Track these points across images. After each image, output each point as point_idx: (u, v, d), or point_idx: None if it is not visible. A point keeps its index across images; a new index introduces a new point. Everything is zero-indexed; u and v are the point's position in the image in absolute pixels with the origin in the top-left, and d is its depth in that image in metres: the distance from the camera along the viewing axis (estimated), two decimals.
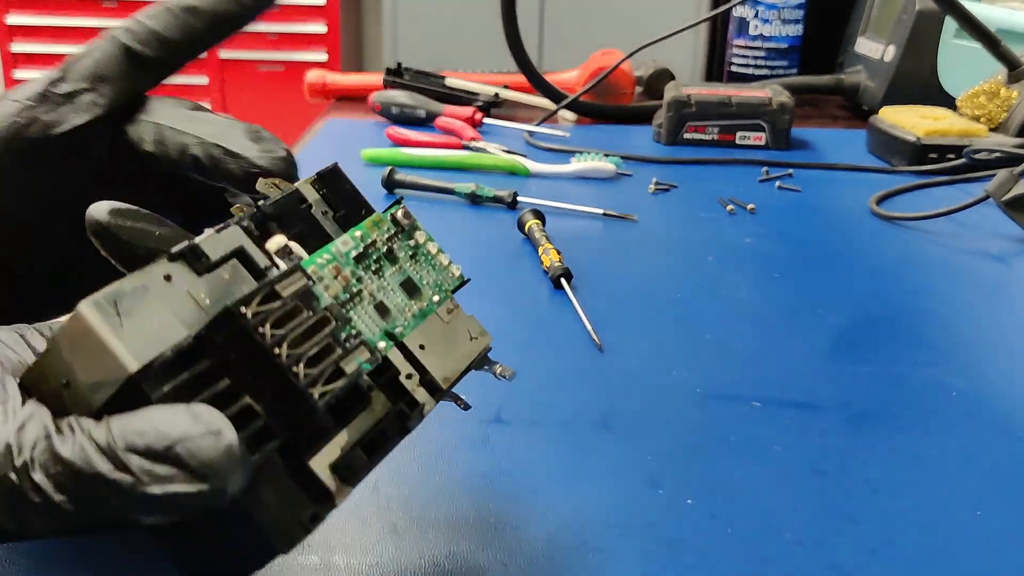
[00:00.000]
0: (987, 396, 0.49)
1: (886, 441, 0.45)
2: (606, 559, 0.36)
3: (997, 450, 0.44)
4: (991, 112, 0.97)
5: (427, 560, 0.36)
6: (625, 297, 0.61)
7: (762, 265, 0.68)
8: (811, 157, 0.97)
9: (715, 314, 0.59)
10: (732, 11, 1.26)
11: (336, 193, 0.32)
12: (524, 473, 0.41)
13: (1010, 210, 0.73)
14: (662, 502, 0.40)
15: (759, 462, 0.43)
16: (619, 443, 0.44)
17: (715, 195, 0.82)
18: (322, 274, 0.28)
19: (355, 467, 0.27)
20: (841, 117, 1.19)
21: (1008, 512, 0.39)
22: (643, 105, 1.12)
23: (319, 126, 1.06)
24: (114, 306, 0.23)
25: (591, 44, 1.29)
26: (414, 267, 0.32)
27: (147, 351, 0.23)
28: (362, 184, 0.34)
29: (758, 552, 0.37)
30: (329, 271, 0.29)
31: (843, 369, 0.52)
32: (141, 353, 0.23)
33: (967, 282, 0.66)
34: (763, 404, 0.48)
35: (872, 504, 0.40)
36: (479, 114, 1.03)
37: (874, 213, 0.79)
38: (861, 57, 1.19)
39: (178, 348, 0.24)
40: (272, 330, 0.25)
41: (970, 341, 0.56)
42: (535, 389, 0.49)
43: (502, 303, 0.60)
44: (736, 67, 1.30)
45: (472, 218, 0.76)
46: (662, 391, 0.49)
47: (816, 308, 0.60)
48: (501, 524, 0.38)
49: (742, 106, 0.99)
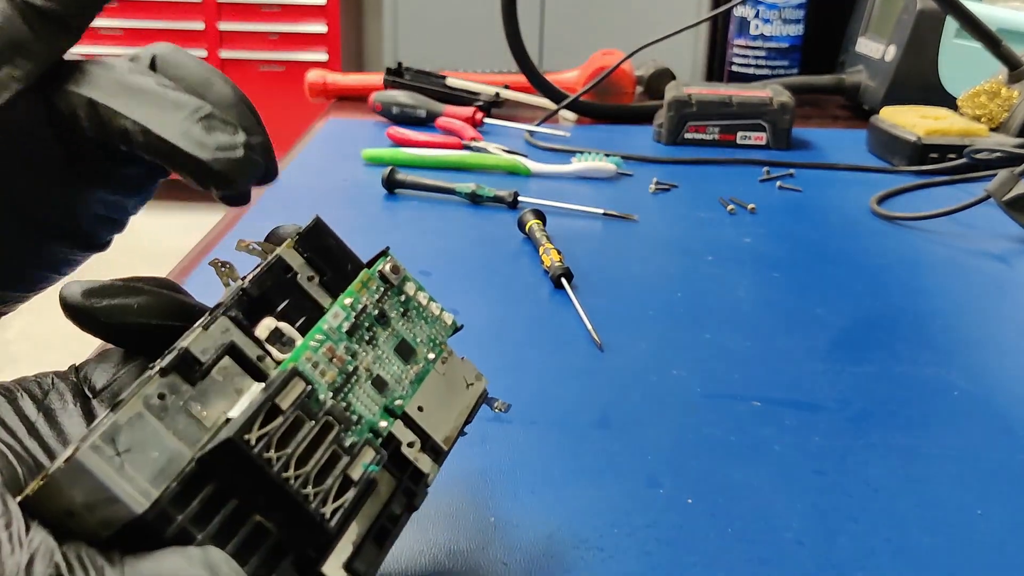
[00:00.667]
0: (988, 396, 0.49)
1: (886, 441, 0.45)
2: (606, 558, 0.36)
3: (998, 450, 0.44)
4: (992, 112, 0.97)
5: (427, 559, 0.36)
6: (625, 297, 0.61)
7: (762, 265, 0.68)
8: (812, 157, 0.97)
9: (715, 314, 0.59)
10: (733, 11, 1.26)
11: (320, 252, 0.30)
12: (524, 472, 0.41)
13: (1011, 210, 0.73)
14: (662, 502, 0.40)
15: (759, 462, 0.43)
16: (619, 442, 0.44)
17: (716, 195, 0.82)
18: (317, 359, 0.28)
19: (368, 561, 0.27)
20: (842, 117, 1.19)
21: (1009, 512, 0.39)
22: (644, 105, 1.12)
23: (319, 126, 1.06)
24: (112, 444, 0.23)
25: (591, 44, 1.29)
26: (407, 326, 0.31)
27: (152, 487, 0.23)
28: (362, 184, 0.34)
29: (758, 552, 0.37)
30: (324, 354, 0.28)
31: (843, 369, 0.52)
32: (147, 491, 0.23)
33: (968, 282, 0.66)
34: (763, 404, 0.48)
35: (872, 504, 0.40)
36: (480, 114, 1.03)
37: (875, 213, 0.79)
38: (862, 57, 1.19)
39: (183, 478, 0.24)
40: (276, 451, 0.25)
41: (971, 341, 0.56)
42: (535, 388, 0.49)
43: (502, 303, 0.60)
44: (737, 67, 1.30)
45: (472, 218, 0.76)
46: (662, 391, 0.49)
47: (816, 308, 0.60)
48: (501, 522, 0.38)
49: (743, 106, 0.99)
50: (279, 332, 0.28)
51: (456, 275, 0.64)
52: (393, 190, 0.81)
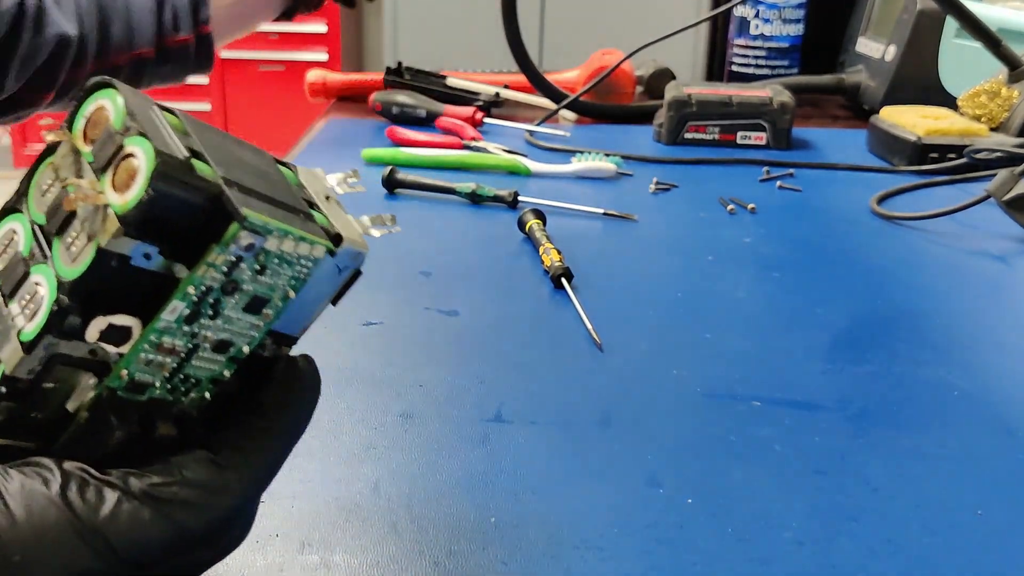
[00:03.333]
0: (988, 396, 0.49)
1: (886, 441, 0.45)
2: (606, 558, 0.36)
3: (997, 450, 0.44)
4: (992, 112, 0.97)
5: (427, 559, 0.36)
6: (625, 297, 0.61)
7: (762, 265, 0.68)
8: (812, 157, 0.97)
9: (715, 314, 0.59)
10: (733, 11, 1.26)
11: (159, 225, 0.25)
12: (524, 472, 0.41)
13: (1011, 210, 0.73)
14: (662, 501, 0.40)
15: (759, 462, 0.43)
16: (619, 442, 0.44)
17: (715, 195, 0.82)
18: (151, 357, 0.27)
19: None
20: (842, 117, 1.19)
21: (1009, 512, 0.39)
22: (644, 105, 1.12)
23: (319, 126, 1.06)
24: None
25: (591, 44, 1.29)
26: (261, 282, 0.28)
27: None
28: (362, 184, 0.33)
29: (758, 552, 0.37)
30: (156, 352, 0.27)
31: (843, 369, 0.52)
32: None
33: (968, 282, 0.66)
34: (763, 404, 0.48)
35: (872, 504, 0.40)
36: (480, 114, 1.03)
37: (875, 213, 0.79)
38: (862, 57, 1.19)
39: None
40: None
41: (971, 341, 0.56)
42: (535, 388, 0.49)
43: (502, 302, 0.60)
44: (737, 67, 1.30)
45: (473, 218, 0.76)
46: (662, 391, 0.49)
47: (816, 308, 0.60)
48: (501, 523, 0.38)
49: (743, 106, 0.99)
50: (113, 327, 0.26)
51: (456, 275, 0.64)
52: (393, 190, 0.81)
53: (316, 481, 0.40)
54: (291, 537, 0.37)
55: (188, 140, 0.26)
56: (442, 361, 0.52)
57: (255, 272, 0.27)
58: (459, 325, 0.57)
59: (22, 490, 0.25)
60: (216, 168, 0.26)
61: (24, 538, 0.24)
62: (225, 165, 0.27)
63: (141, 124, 0.25)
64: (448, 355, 0.53)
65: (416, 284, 0.62)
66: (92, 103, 0.27)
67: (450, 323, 0.57)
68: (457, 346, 0.54)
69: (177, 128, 0.27)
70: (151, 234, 0.25)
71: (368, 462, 0.42)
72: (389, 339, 0.55)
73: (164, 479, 0.26)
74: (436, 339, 0.55)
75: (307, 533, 0.37)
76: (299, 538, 0.37)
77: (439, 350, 0.54)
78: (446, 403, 0.47)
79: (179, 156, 0.25)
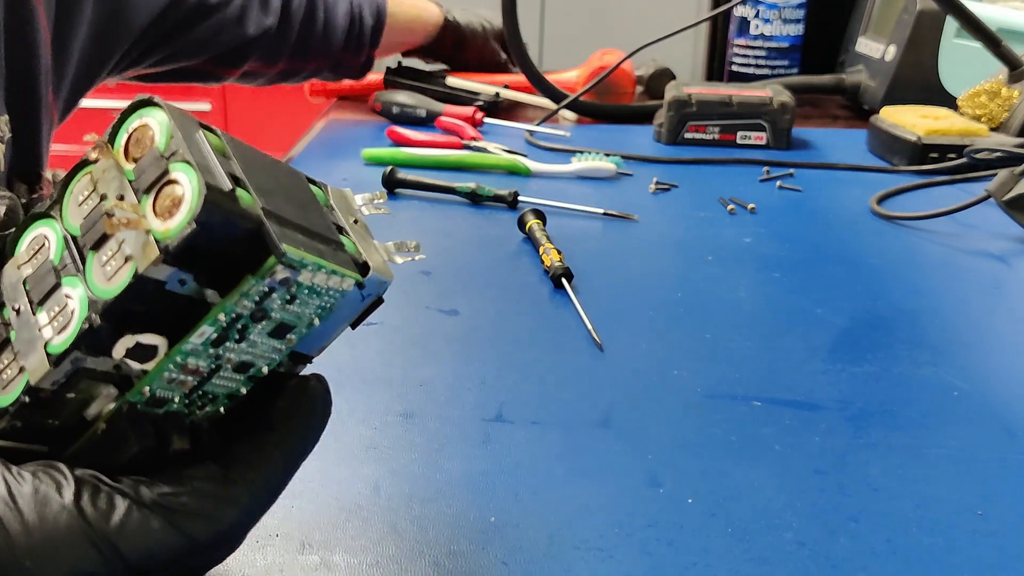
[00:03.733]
0: (987, 396, 0.49)
1: (886, 441, 0.45)
2: (606, 558, 0.36)
3: (997, 450, 0.44)
4: (992, 112, 0.97)
5: (427, 559, 0.36)
6: (625, 297, 0.61)
7: (762, 265, 0.68)
8: (812, 157, 0.97)
9: (715, 314, 0.59)
10: (733, 11, 1.26)
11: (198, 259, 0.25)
12: (524, 472, 0.42)
13: (1011, 210, 0.73)
14: (662, 501, 0.40)
15: (759, 462, 0.43)
16: (620, 442, 0.44)
17: (715, 195, 0.82)
18: (174, 375, 0.27)
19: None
20: (842, 117, 1.19)
21: (1008, 512, 0.39)
22: (644, 105, 1.12)
23: (319, 126, 1.06)
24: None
25: (591, 44, 1.29)
26: (289, 311, 0.28)
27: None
28: (363, 184, 0.33)
29: (758, 552, 0.37)
30: (182, 372, 0.27)
31: (843, 369, 0.52)
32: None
33: (968, 282, 0.66)
34: (763, 404, 0.48)
35: (872, 504, 0.40)
36: (480, 114, 1.03)
37: (875, 213, 0.79)
38: (862, 57, 1.19)
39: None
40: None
41: (970, 341, 0.56)
42: (536, 388, 0.49)
43: (503, 303, 0.60)
44: (737, 67, 1.30)
45: (473, 217, 0.76)
46: (662, 391, 0.49)
47: (816, 308, 0.60)
48: (501, 523, 0.38)
49: (743, 106, 0.99)
50: (140, 346, 0.26)
51: (456, 275, 0.64)
52: (393, 190, 0.81)
53: (316, 481, 0.40)
54: (291, 537, 0.37)
55: (229, 164, 0.26)
56: (442, 361, 0.52)
57: (285, 302, 0.28)
58: (459, 325, 0.57)
59: (35, 495, 0.25)
60: (256, 197, 0.26)
61: (36, 543, 0.24)
62: (264, 193, 0.27)
63: (187, 150, 0.25)
64: (448, 355, 0.53)
65: (416, 284, 0.62)
66: (136, 119, 0.27)
67: (450, 323, 0.57)
68: (457, 346, 0.54)
69: (218, 149, 0.27)
70: (188, 262, 0.25)
71: (368, 462, 0.42)
72: (389, 339, 0.55)
73: (174, 489, 0.27)
74: (436, 339, 0.55)
75: (307, 533, 0.37)
76: (299, 538, 0.37)
77: (439, 350, 0.54)
78: (446, 403, 0.47)
79: (224, 188, 0.25)
